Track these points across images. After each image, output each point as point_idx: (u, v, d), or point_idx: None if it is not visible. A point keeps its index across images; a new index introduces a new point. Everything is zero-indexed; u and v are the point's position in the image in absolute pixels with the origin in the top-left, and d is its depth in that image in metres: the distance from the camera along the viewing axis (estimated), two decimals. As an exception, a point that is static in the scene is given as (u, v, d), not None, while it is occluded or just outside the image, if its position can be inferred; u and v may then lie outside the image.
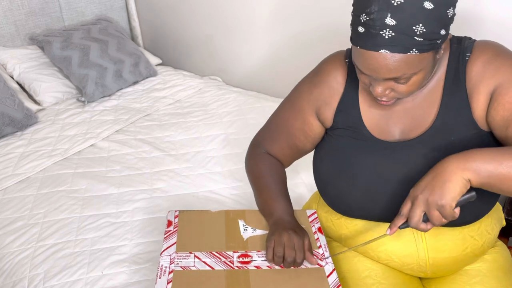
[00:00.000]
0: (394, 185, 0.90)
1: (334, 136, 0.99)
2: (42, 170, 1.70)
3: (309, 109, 1.01)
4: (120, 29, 2.55)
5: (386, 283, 0.95)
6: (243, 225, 1.02)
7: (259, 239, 0.98)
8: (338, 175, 0.96)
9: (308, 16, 2.06)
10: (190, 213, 1.06)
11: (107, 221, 1.42)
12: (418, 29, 0.74)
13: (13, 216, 1.46)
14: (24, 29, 2.35)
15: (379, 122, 0.94)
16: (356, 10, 0.79)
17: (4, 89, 1.97)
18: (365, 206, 0.94)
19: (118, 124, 2.00)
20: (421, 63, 0.78)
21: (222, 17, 2.41)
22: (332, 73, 0.98)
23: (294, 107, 1.04)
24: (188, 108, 2.16)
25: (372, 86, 0.84)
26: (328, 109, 0.99)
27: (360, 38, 0.78)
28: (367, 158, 0.93)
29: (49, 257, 1.29)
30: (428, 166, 0.84)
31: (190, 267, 0.91)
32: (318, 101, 1.00)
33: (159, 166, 1.70)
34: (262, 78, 2.40)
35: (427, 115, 0.90)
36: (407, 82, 0.81)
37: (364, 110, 0.95)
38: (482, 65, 0.85)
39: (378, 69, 0.79)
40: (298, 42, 2.15)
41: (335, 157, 0.97)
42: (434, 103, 0.89)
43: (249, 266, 0.91)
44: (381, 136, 0.93)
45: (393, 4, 0.73)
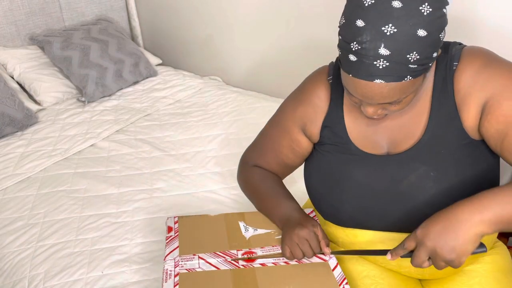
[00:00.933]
0: (385, 198, 0.90)
1: (321, 151, 0.99)
2: (42, 170, 1.70)
3: (294, 127, 1.02)
4: (120, 29, 2.55)
5: (384, 283, 0.95)
6: (244, 226, 1.02)
7: (262, 237, 0.99)
8: (328, 191, 0.96)
9: (309, 16, 2.06)
10: (189, 218, 1.06)
11: (107, 221, 1.42)
12: (412, 57, 0.72)
13: (13, 216, 1.47)
14: (24, 29, 2.35)
15: (365, 135, 0.93)
16: (345, 37, 0.77)
17: (4, 89, 1.97)
18: (358, 219, 0.94)
19: (118, 124, 2.00)
20: (414, 86, 0.78)
21: (222, 17, 2.41)
22: (315, 92, 0.98)
23: (279, 126, 1.05)
24: (188, 108, 2.17)
25: (363, 107, 0.84)
26: (313, 126, 0.99)
27: (352, 66, 0.76)
28: (356, 172, 0.92)
29: (49, 257, 1.29)
30: (419, 179, 0.85)
31: (196, 268, 0.91)
32: (303, 119, 1.00)
33: (159, 166, 1.71)
34: (262, 78, 2.40)
35: (415, 127, 0.89)
36: (400, 103, 0.81)
37: (350, 125, 0.95)
38: (471, 76, 0.83)
39: (372, 96, 0.78)
40: (298, 42, 2.15)
41: (324, 172, 0.98)
42: (423, 115, 0.88)
43: (255, 264, 0.92)
44: (369, 149, 0.93)
45: (386, 34, 0.71)
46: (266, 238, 0.98)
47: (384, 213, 0.91)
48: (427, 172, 0.86)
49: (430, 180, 0.86)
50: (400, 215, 0.90)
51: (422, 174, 0.86)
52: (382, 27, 0.71)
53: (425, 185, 0.86)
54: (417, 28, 0.71)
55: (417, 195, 0.87)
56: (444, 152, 0.86)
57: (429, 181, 0.86)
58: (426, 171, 0.86)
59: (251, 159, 1.13)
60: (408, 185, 0.88)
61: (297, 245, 0.92)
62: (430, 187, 0.86)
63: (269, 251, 0.94)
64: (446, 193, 0.86)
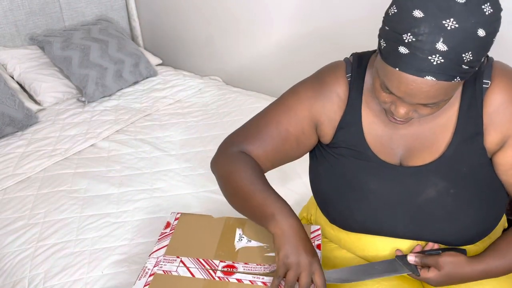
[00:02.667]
0: (399, 210, 0.88)
1: (335, 155, 0.93)
2: (43, 170, 1.70)
3: (309, 120, 0.93)
4: (120, 29, 2.55)
5: (387, 284, 0.94)
6: (239, 235, 0.98)
7: (250, 251, 0.93)
8: (339, 197, 0.92)
9: (309, 16, 2.06)
10: (191, 217, 1.05)
11: (107, 221, 1.42)
12: (467, 57, 0.68)
13: (13, 216, 1.46)
14: (24, 29, 2.35)
15: (381, 141, 0.89)
16: (396, 27, 0.70)
17: (4, 89, 1.97)
18: (367, 228, 0.93)
19: (118, 124, 2.00)
20: (456, 89, 0.74)
21: (223, 17, 2.41)
22: (335, 88, 0.91)
23: (291, 112, 0.94)
24: (188, 108, 2.17)
25: (395, 106, 0.78)
26: (329, 125, 0.92)
27: (402, 59, 0.70)
28: (372, 181, 0.89)
29: (49, 257, 1.29)
30: (438, 195, 0.85)
31: (172, 271, 0.90)
32: (320, 114, 0.92)
33: (159, 166, 1.71)
34: (262, 78, 2.40)
35: (439, 141, 0.86)
36: (435, 107, 0.76)
37: (367, 128, 0.90)
38: (503, 103, 0.81)
39: (416, 94, 0.72)
40: (298, 42, 2.15)
41: (336, 177, 0.93)
42: (447, 129, 0.85)
43: (231, 278, 0.87)
44: (384, 156, 0.89)
45: (446, 28, 0.66)
46: (255, 253, 0.93)
47: (396, 224, 0.90)
48: (447, 189, 0.85)
49: (449, 196, 0.85)
50: (413, 227, 0.89)
51: (441, 190, 0.85)
52: (443, 21, 0.66)
53: (443, 201, 0.85)
54: (478, 27, 0.66)
55: (434, 211, 0.86)
56: (465, 169, 0.85)
57: (448, 197, 0.85)
58: (446, 187, 0.85)
59: (243, 139, 0.98)
60: (425, 199, 0.86)
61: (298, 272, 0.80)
62: (448, 203, 0.85)
63: (251, 269, 0.89)
64: (463, 210, 0.86)
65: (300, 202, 1.44)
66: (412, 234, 0.91)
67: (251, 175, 0.90)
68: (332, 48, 2.02)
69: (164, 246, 0.96)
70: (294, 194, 1.49)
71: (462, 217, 0.86)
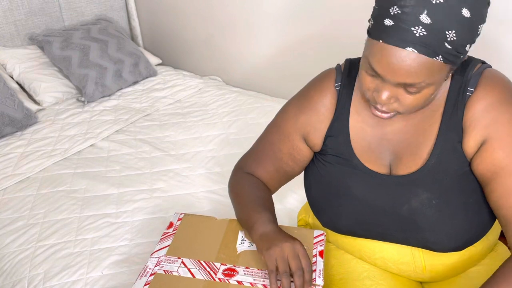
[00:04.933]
0: (384, 218, 0.89)
1: (323, 161, 0.95)
2: (42, 170, 1.69)
3: (296, 135, 0.97)
4: (120, 29, 2.55)
5: (385, 284, 0.95)
6: (242, 237, 0.98)
7: (252, 255, 0.93)
8: (327, 202, 0.94)
9: (308, 16, 2.06)
10: (194, 218, 1.05)
11: (107, 221, 1.42)
12: (450, 35, 0.68)
13: (13, 216, 1.46)
14: (24, 29, 2.35)
15: (369, 148, 0.90)
16: (383, 3, 0.72)
17: (4, 89, 1.97)
18: (355, 231, 0.94)
19: (118, 124, 2.00)
20: (439, 75, 0.73)
21: (222, 17, 2.41)
22: (320, 100, 0.93)
23: (280, 131, 0.99)
24: (188, 108, 2.16)
25: (377, 92, 0.77)
26: (316, 135, 0.95)
27: (385, 31, 0.71)
28: (356, 188, 0.90)
29: (49, 257, 1.29)
30: (421, 205, 0.85)
31: (173, 272, 0.90)
32: (306, 127, 0.95)
33: (159, 166, 1.70)
34: (262, 78, 2.40)
35: (421, 148, 0.86)
36: (417, 94, 0.75)
37: (354, 136, 0.91)
38: (482, 109, 0.80)
39: (397, 69, 0.71)
40: (298, 42, 2.15)
41: (324, 184, 0.95)
42: (430, 136, 0.85)
43: (231, 279, 0.88)
44: (371, 164, 0.90)
45: (431, 2, 0.67)
46: (257, 257, 0.93)
47: (383, 230, 0.90)
48: (429, 200, 0.85)
49: (432, 208, 0.85)
50: (399, 234, 0.90)
51: (424, 201, 0.85)
52: None
53: (426, 212, 0.85)
54: (463, 5, 0.68)
55: (417, 220, 0.86)
56: (447, 179, 0.84)
57: (430, 209, 0.85)
58: (429, 198, 0.84)
59: (247, 165, 1.06)
60: (408, 209, 0.86)
61: (286, 259, 0.84)
62: (432, 214, 0.85)
63: (252, 274, 0.89)
64: (446, 221, 0.85)
65: (299, 203, 1.44)
66: (400, 240, 0.91)
67: (249, 195, 0.99)
68: (331, 48, 2.02)
69: (166, 246, 0.96)
70: (294, 194, 1.49)
71: (446, 227, 0.85)
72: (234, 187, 1.05)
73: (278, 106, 1.95)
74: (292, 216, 1.38)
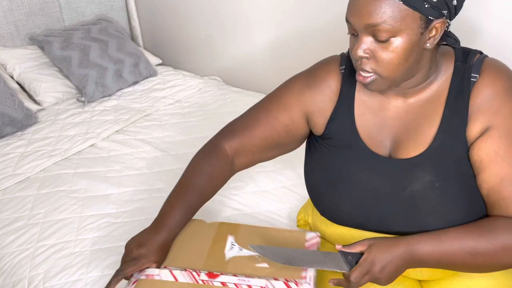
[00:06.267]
0: (386, 201, 0.89)
1: (326, 146, 0.96)
2: (42, 170, 1.69)
3: (298, 108, 0.98)
4: (120, 29, 2.55)
5: (384, 283, 0.95)
6: (231, 243, 0.95)
7: (242, 261, 0.91)
8: (329, 187, 0.94)
9: (308, 17, 2.06)
10: None
11: (107, 221, 1.42)
12: None
13: (13, 216, 1.46)
14: (24, 29, 2.35)
15: (371, 132, 0.92)
16: None
17: (4, 89, 1.97)
18: (356, 219, 0.94)
19: (118, 124, 2.00)
20: (404, 21, 0.75)
21: (222, 17, 2.41)
22: (327, 80, 0.96)
23: (281, 101, 1.00)
24: (188, 108, 2.16)
25: (354, 48, 0.81)
26: (320, 116, 0.96)
27: None
28: (360, 171, 0.91)
29: (49, 257, 1.29)
30: (423, 188, 0.85)
31: (154, 275, 0.88)
32: (310, 106, 0.97)
33: (159, 166, 1.70)
34: (262, 78, 2.40)
35: (425, 133, 0.87)
36: (387, 43, 0.78)
37: (358, 120, 0.93)
38: (489, 96, 0.83)
39: (360, 9, 0.77)
40: (298, 42, 2.15)
41: (328, 168, 0.95)
42: (434, 122, 0.87)
43: (215, 281, 0.86)
44: (374, 148, 0.91)
45: None
46: (246, 263, 0.90)
47: (383, 215, 0.90)
48: (432, 183, 0.85)
49: (434, 190, 0.85)
50: (399, 220, 0.90)
51: (427, 184, 0.86)
52: None
53: (428, 195, 0.86)
54: None
55: (419, 204, 0.87)
56: (450, 163, 0.85)
57: (433, 191, 0.86)
58: (432, 181, 0.85)
59: (234, 128, 1.04)
60: (411, 192, 0.87)
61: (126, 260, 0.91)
62: (434, 197, 0.86)
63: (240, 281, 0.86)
64: (448, 204, 0.86)
65: (299, 202, 1.44)
66: (399, 228, 0.91)
67: (191, 183, 1.00)
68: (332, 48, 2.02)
69: None
70: (294, 194, 1.49)
71: (447, 211, 0.86)
72: (192, 161, 1.04)
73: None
74: (292, 216, 1.38)
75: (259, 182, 1.56)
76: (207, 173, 1.01)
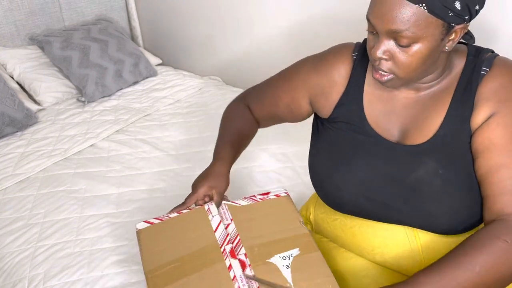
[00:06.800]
0: (389, 187, 0.90)
1: (333, 129, 0.98)
2: (42, 170, 1.70)
3: (302, 90, 1.01)
4: (120, 29, 2.55)
5: (383, 283, 0.95)
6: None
7: None
8: (335, 169, 0.95)
9: (309, 16, 2.06)
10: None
11: (107, 221, 1.42)
12: None
13: (13, 216, 1.46)
14: (24, 29, 2.35)
15: (379, 119, 0.93)
16: None
17: (4, 89, 1.97)
18: (358, 203, 0.94)
19: (118, 124, 2.00)
20: (427, 28, 0.76)
21: (222, 17, 2.41)
22: (336, 66, 0.97)
23: (287, 80, 1.05)
24: (188, 108, 2.16)
25: (374, 48, 0.81)
26: (325, 99, 0.98)
27: None
28: (367, 154, 0.92)
29: (49, 257, 1.29)
30: (427, 175, 0.86)
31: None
32: (314, 89, 0.99)
33: (159, 166, 1.70)
34: (262, 78, 2.39)
35: (432, 122, 0.88)
36: (408, 48, 0.78)
37: (367, 106, 0.94)
38: (497, 85, 0.83)
39: (384, 14, 0.76)
40: (298, 42, 2.15)
41: (334, 150, 0.96)
42: (441, 111, 0.88)
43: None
44: (381, 133, 0.93)
45: None
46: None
47: (386, 201, 0.91)
48: (435, 170, 0.86)
49: (438, 177, 0.86)
50: (401, 207, 0.90)
51: (430, 171, 0.86)
52: None
53: (431, 181, 0.87)
54: None
55: (422, 190, 0.88)
56: (454, 151, 0.86)
57: (436, 178, 0.86)
58: (435, 168, 0.86)
59: (249, 95, 1.17)
60: (415, 178, 0.88)
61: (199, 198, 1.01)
62: (437, 184, 0.86)
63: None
64: (451, 192, 0.86)
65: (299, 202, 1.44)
66: (400, 216, 0.91)
67: (230, 129, 1.12)
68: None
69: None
70: (294, 194, 1.48)
71: (450, 199, 0.86)
72: (225, 114, 1.17)
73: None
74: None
75: (259, 181, 1.56)
76: (242, 116, 1.13)
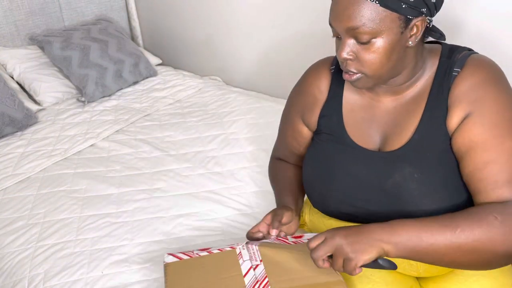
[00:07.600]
0: (371, 193, 0.92)
1: (318, 140, 1.03)
2: (42, 170, 1.70)
3: (296, 117, 1.07)
4: (120, 29, 2.55)
5: (381, 282, 0.95)
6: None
7: None
8: (319, 178, 0.99)
9: (308, 16, 2.06)
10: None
11: (107, 221, 1.42)
12: None
13: (13, 216, 1.46)
14: (24, 29, 2.35)
15: (360, 128, 0.96)
16: None
17: (4, 89, 1.97)
18: (343, 210, 0.97)
19: (118, 124, 2.00)
20: (383, 22, 0.78)
21: (222, 17, 2.41)
22: (315, 83, 1.02)
23: (285, 118, 1.13)
24: (188, 108, 2.16)
25: (339, 50, 0.85)
26: (311, 115, 1.03)
27: None
28: (347, 163, 0.95)
29: (49, 257, 1.29)
30: (403, 179, 0.87)
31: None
32: (302, 109, 1.05)
33: (159, 166, 1.70)
34: (262, 78, 2.40)
35: (407, 126, 0.90)
36: (369, 44, 0.81)
37: (347, 116, 0.97)
38: (469, 86, 0.84)
39: (340, 14, 0.81)
40: (298, 41, 2.15)
41: (317, 160, 1.01)
42: (417, 115, 0.90)
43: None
44: (362, 143, 0.95)
45: None
46: None
47: (370, 207, 0.93)
48: (411, 174, 0.87)
49: (414, 181, 0.87)
50: (383, 211, 0.91)
51: (406, 175, 0.88)
52: None
53: (408, 186, 0.88)
54: None
55: (400, 195, 0.89)
56: (430, 155, 0.88)
57: (413, 182, 0.87)
58: (411, 172, 0.87)
59: (274, 152, 1.24)
60: (392, 184, 0.89)
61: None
62: (414, 188, 0.87)
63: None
64: (429, 195, 0.87)
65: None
66: (384, 219, 0.90)
67: (279, 180, 1.15)
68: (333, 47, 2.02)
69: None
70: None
71: (427, 202, 0.87)
72: (270, 173, 1.23)
73: (278, 106, 1.96)
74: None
75: (259, 182, 1.56)
76: (279, 168, 1.18)
